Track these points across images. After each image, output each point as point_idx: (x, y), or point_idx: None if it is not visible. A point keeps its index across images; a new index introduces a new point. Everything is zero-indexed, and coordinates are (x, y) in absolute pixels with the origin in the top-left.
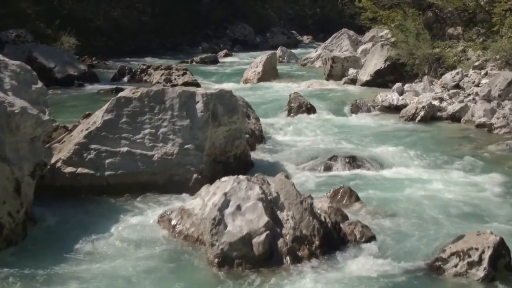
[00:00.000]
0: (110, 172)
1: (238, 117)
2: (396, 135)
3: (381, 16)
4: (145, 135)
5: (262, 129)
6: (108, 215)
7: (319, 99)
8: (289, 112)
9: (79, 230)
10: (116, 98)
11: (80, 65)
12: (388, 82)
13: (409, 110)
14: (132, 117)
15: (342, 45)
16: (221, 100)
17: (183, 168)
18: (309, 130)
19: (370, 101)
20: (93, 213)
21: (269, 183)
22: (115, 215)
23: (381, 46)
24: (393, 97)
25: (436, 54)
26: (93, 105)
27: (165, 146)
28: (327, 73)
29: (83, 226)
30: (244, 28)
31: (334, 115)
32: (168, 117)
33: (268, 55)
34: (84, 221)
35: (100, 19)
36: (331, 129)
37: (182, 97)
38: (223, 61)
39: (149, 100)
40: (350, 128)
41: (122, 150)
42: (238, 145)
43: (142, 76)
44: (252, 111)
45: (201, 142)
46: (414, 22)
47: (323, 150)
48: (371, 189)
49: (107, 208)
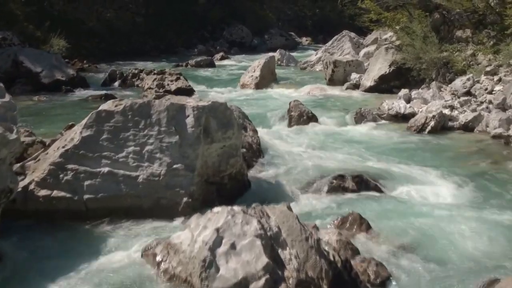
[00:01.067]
0: (89, 195)
1: (234, 132)
2: (405, 148)
3: (385, 18)
4: (128, 154)
5: (260, 142)
6: (86, 246)
7: (320, 106)
8: (289, 121)
9: (52, 267)
10: (96, 112)
11: (68, 69)
12: (393, 88)
13: (418, 120)
14: (114, 133)
15: (344, 48)
16: (214, 114)
17: (171, 191)
18: (310, 143)
19: (375, 109)
20: (69, 243)
21: (268, 216)
22: (94, 246)
23: (385, 49)
24: (400, 105)
25: (444, 58)
26: (80, 113)
27: (151, 166)
28: (328, 77)
29: (56, 261)
30: (241, 30)
31: (337, 124)
32: (154, 133)
33: (266, 58)
34: (58, 255)
35: (92, 20)
36: (335, 141)
37: (170, 110)
38: (219, 64)
39: (133, 114)
40: (355, 140)
41: (102, 171)
42: (233, 163)
43: (133, 81)
44: (249, 122)
45: (192, 161)
46: (420, 24)
47: (327, 167)
48: (383, 214)
49: (86, 237)
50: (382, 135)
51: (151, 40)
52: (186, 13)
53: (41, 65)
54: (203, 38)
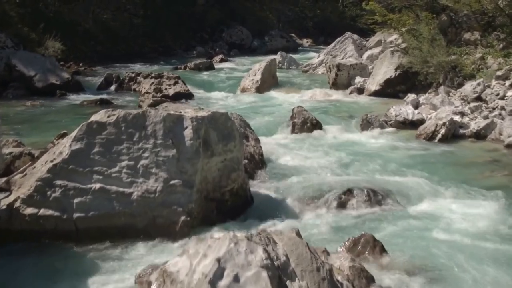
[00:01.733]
0: (79, 214)
1: (235, 144)
2: (416, 158)
3: (390, 20)
4: (122, 169)
5: (263, 152)
6: (76, 270)
7: (324, 112)
8: (292, 128)
9: None
10: (86, 123)
11: (63, 73)
12: (399, 92)
13: (428, 128)
14: (107, 147)
15: (347, 51)
16: (214, 125)
17: (168, 209)
18: (315, 152)
19: (381, 116)
20: (57, 267)
21: (275, 243)
22: (84, 270)
23: (391, 52)
24: (408, 111)
25: (452, 62)
26: (74, 119)
27: (147, 182)
28: (331, 81)
29: None
30: (241, 31)
31: (342, 132)
32: (150, 146)
33: (267, 62)
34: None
35: (88, 22)
36: (341, 150)
37: (167, 121)
38: (219, 67)
39: (127, 126)
40: (362, 149)
41: (94, 187)
42: (235, 178)
43: (130, 85)
44: (251, 131)
45: (190, 176)
46: (428, 26)
47: (334, 180)
48: (397, 234)
49: (75, 261)
50: (390, 143)
51: (149, 42)
52: (185, 14)
53: (35, 68)
54: (202, 40)
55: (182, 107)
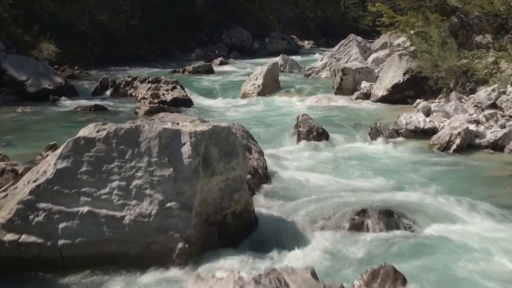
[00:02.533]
0: (65, 240)
1: (238, 161)
2: (431, 172)
3: (398, 22)
4: (112, 190)
5: (267, 166)
6: None
7: (329, 119)
8: (297, 138)
9: None
10: (73, 139)
11: (56, 77)
12: (407, 98)
13: (442, 138)
14: (96, 165)
15: (351, 53)
16: (215, 140)
17: (164, 235)
18: (323, 164)
19: (391, 123)
20: None
21: (287, 284)
22: None
23: (398, 56)
24: (419, 119)
25: (464, 66)
26: (66, 128)
27: (140, 205)
28: (336, 86)
29: None
30: (241, 33)
31: (350, 142)
32: (143, 164)
33: (268, 65)
34: None
35: (84, 23)
36: (349, 162)
37: (162, 137)
38: (218, 70)
39: (118, 142)
40: (372, 161)
41: (81, 211)
42: (238, 199)
43: (126, 90)
44: (254, 142)
45: (189, 198)
46: (437, 29)
47: (344, 197)
48: (418, 263)
49: None
50: (402, 154)
51: (146, 44)
52: (183, 15)
53: (27, 73)
54: (201, 41)
55: (180, 118)
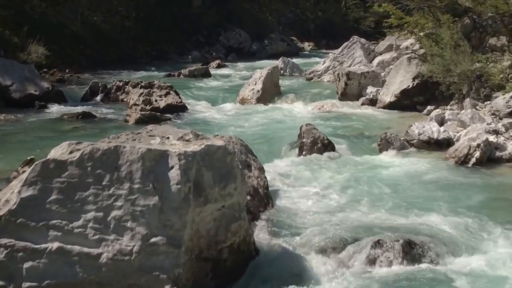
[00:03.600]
0: (30, 283)
1: (236, 186)
2: (451, 190)
3: (407, 23)
4: (87, 222)
5: (268, 184)
6: None
7: (334, 128)
8: (300, 150)
9: None
10: (41, 162)
11: (43, 82)
12: (416, 104)
13: (460, 150)
14: (67, 193)
15: (355, 56)
16: (209, 162)
17: (148, 276)
18: (330, 180)
19: (401, 133)
20: None
21: None
22: None
23: (407, 60)
24: (432, 129)
25: (478, 70)
26: (51, 138)
27: (120, 240)
28: (340, 91)
29: None
30: (239, 34)
31: (358, 154)
32: (124, 192)
33: (268, 69)
34: None
35: (76, 25)
36: (359, 178)
37: (146, 160)
38: (215, 73)
39: (95, 165)
40: (384, 178)
41: (50, 247)
42: (236, 230)
43: (118, 95)
44: (254, 157)
45: (177, 231)
46: (450, 30)
47: (356, 222)
48: None
49: None
50: (416, 169)
51: (141, 46)
52: (179, 16)
53: (12, 77)
54: (197, 43)
55: (171, 131)
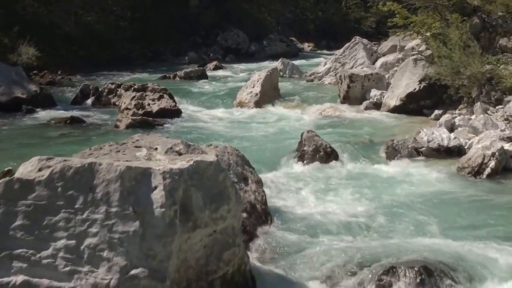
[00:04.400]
0: None
1: (230, 207)
2: (467, 206)
3: (413, 23)
4: (57, 251)
5: (267, 198)
6: None
7: (337, 134)
8: (301, 158)
9: None
10: (4, 182)
11: (31, 85)
12: (423, 108)
13: (473, 160)
14: (35, 218)
15: (357, 57)
16: (198, 181)
17: None
18: (333, 193)
19: (409, 140)
20: None
21: None
22: None
23: (413, 61)
24: (442, 136)
25: (488, 73)
26: (35, 146)
27: (95, 272)
28: (343, 95)
29: None
30: (237, 35)
31: (363, 163)
32: (100, 216)
33: (267, 71)
34: None
35: (70, 25)
36: (366, 191)
37: (126, 179)
38: (212, 75)
39: (66, 186)
40: (393, 191)
41: (14, 281)
42: (229, 258)
43: (109, 98)
44: (251, 169)
45: (161, 262)
46: (458, 30)
47: (366, 244)
48: None
49: None
50: (427, 181)
51: (137, 47)
52: (176, 16)
53: None
54: (194, 44)
55: (159, 141)
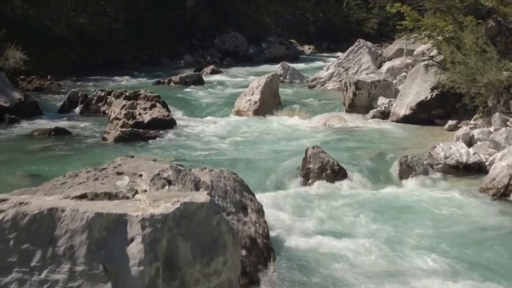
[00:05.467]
0: None
1: (226, 259)
2: (494, 234)
3: (424, 26)
4: None
5: (269, 231)
6: None
7: (344, 148)
8: (306, 178)
9: None
10: None
11: (14, 92)
12: (435, 118)
13: (499, 180)
14: None
15: (362, 62)
16: (187, 229)
17: None
18: (343, 222)
19: (423, 155)
20: None
21: None
22: None
23: (424, 67)
24: (460, 151)
25: (507, 80)
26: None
27: None
28: (348, 103)
29: None
30: (235, 37)
31: (375, 182)
32: (62, 277)
33: (267, 77)
34: None
35: (60, 27)
36: (381, 220)
37: (94, 229)
38: (209, 80)
39: (19, 237)
40: (410, 217)
41: None
42: None
43: (99, 106)
44: (251, 196)
45: None
46: (473, 34)
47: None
48: None
49: None
50: (448, 205)
51: (130, 50)
52: (172, 18)
53: None
54: (191, 47)
55: (145, 166)
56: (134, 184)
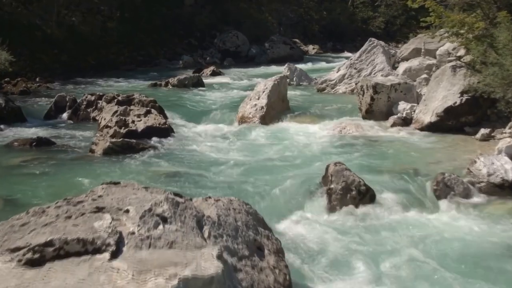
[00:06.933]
0: None
1: None
2: None
3: (452, 23)
4: None
5: (291, 277)
6: None
7: (366, 162)
8: (328, 201)
9: None
10: None
11: None
12: (464, 126)
13: None
14: None
15: (376, 63)
16: None
17: None
18: (377, 262)
19: (461, 170)
20: None
21: None
22: None
23: (451, 69)
24: (505, 167)
25: None
26: None
27: None
28: (365, 108)
29: None
30: (236, 37)
31: (409, 207)
32: None
33: (275, 79)
34: None
35: (51, 26)
36: (422, 260)
37: None
38: (209, 82)
39: None
40: (458, 256)
41: None
42: None
43: (89, 112)
44: (268, 232)
45: None
46: (509, 31)
47: None
48: None
49: None
50: (498, 237)
51: (125, 51)
52: (169, 17)
53: None
54: (190, 47)
55: (134, 198)
56: (118, 224)
